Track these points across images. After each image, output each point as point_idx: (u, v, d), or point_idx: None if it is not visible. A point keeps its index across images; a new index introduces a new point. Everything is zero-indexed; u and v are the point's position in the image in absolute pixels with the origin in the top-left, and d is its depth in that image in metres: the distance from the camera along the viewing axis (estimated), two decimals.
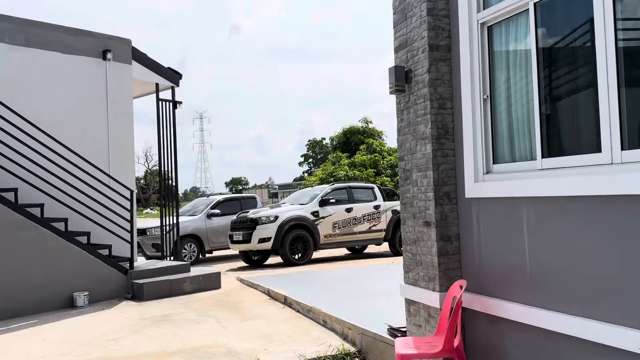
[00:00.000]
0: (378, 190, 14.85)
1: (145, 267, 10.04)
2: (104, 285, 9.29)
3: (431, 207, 5.17)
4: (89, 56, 10.27)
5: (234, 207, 15.51)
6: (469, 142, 5.03)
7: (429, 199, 5.21)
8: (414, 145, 5.46)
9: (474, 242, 5.02)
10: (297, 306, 8.06)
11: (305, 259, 13.04)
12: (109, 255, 9.56)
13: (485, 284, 4.90)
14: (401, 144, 5.69)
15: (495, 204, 4.77)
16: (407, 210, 5.59)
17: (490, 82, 4.97)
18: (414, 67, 5.45)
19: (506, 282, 4.65)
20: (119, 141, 10.58)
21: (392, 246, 14.55)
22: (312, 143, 71.84)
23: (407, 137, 5.57)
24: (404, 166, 5.64)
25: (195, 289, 9.76)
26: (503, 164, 4.84)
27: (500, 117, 4.92)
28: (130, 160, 10.85)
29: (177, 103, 11.41)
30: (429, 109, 5.20)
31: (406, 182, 5.61)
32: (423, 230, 5.32)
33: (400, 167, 5.74)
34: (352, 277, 10.15)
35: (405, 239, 5.63)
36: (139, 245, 14.14)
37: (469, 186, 5.03)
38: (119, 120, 10.60)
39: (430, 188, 5.20)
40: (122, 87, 10.66)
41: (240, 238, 13.07)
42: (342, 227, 13.63)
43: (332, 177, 24.68)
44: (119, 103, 10.60)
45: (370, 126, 29.20)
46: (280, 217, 12.95)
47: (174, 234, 11.64)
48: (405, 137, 5.59)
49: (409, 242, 5.58)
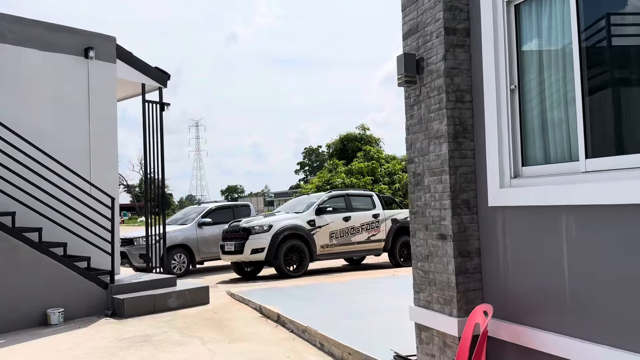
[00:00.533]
0: (377, 198, 14.02)
1: (127, 280, 9.17)
2: (82, 300, 8.41)
3: (447, 217, 4.35)
4: (70, 54, 9.44)
5: (227, 215, 14.65)
6: (492, 141, 4.22)
7: (445, 207, 4.39)
8: (426, 146, 4.64)
9: (499, 259, 4.20)
10: (291, 325, 7.20)
11: (301, 270, 12.18)
12: (88, 268, 8.69)
13: (513, 309, 4.07)
14: (411, 144, 4.87)
15: (526, 213, 3.96)
16: (417, 220, 4.77)
17: (518, 70, 4.17)
18: (426, 55, 4.64)
19: (540, 307, 3.83)
20: (102, 145, 9.73)
21: (392, 257, 13.71)
22: (309, 151, 70.99)
23: (417, 136, 4.75)
24: (414, 169, 4.82)
25: (182, 304, 8.89)
26: (535, 167, 4.03)
27: (531, 111, 4.11)
28: (113, 166, 10.00)
29: (164, 105, 10.59)
30: (445, 102, 4.39)
31: (417, 188, 4.78)
32: (437, 244, 4.49)
33: (409, 170, 4.92)
34: (351, 291, 9.30)
35: (415, 254, 4.81)
36: (125, 255, 13.28)
37: (493, 193, 4.21)
38: (102, 122, 9.76)
39: (446, 195, 4.38)
40: (105, 87, 9.83)
41: (232, 248, 12.20)
42: (339, 237, 12.79)
43: (328, 185, 23.86)
44: (102, 104, 9.77)
45: (367, 133, 28.44)
46: (274, 226, 12.09)
47: (165, 243, 10.79)
48: (416, 136, 4.77)
49: (420, 258, 4.74)
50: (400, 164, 25.49)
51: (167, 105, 10.63)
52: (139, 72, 10.39)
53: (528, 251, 3.93)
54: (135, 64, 10.34)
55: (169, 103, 10.63)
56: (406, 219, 13.96)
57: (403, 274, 11.29)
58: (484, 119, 4.29)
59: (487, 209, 4.28)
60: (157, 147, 10.49)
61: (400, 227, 13.76)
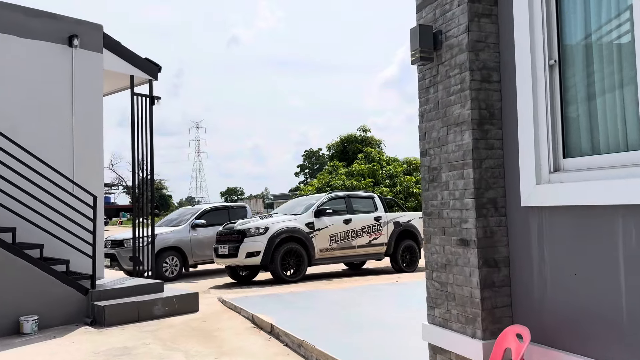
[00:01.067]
0: (379, 200, 13.24)
1: (110, 285, 8.39)
2: (59, 307, 7.62)
3: (470, 219, 3.59)
4: (52, 42, 8.67)
5: (222, 217, 13.85)
6: (526, 128, 3.46)
7: (467, 207, 3.63)
8: (444, 135, 3.88)
9: (533, 270, 3.43)
10: (286, 338, 6.42)
11: (298, 275, 11.40)
12: (67, 272, 7.91)
13: (551, 331, 3.31)
14: (425, 133, 4.10)
15: (569, 215, 3.19)
16: (433, 223, 4.00)
17: (559, 41, 3.41)
18: (445, 27, 3.88)
19: (587, 331, 3.07)
20: (86, 140, 8.95)
21: (394, 261, 12.92)
22: (309, 153, 70.21)
23: (434, 124, 3.98)
24: (429, 163, 4.05)
25: (168, 312, 8.10)
26: (580, 158, 3.26)
27: (575, 91, 3.35)
28: (98, 164, 9.22)
29: (155, 98, 9.82)
30: (468, 82, 3.63)
31: (432, 184, 4.02)
32: (457, 252, 3.73)
33: (423, 164, 4.16)
34: (352, 300, 8.52)
35: (430, 262, 4.04)
36: (115, 258, 12.52)
37: (528, 190, 3.44)
38: (87, 115, 8.98)
39: (468, 193, 3.62)
40: (90, 79, 9.06)
41: (226, 252, 11.41)
42: (339, 240, 12.01)
43: (328, 187, 23.08)
44: (86, 96, 9.00)
45: (368, 135, 27.64)
46: (270, 228, 11.31)
47: (153, 245, 10.02)
48: (432, 123, 4.01)
49: (435, 267, 3.98)
50: (401, 166, 24.73)
51: (157, 98, 9.87)
52: (128, 63, 9.62)
53: (571, 261, 3.17)
54: (123, 55, 9.58)
55: (159, 97, 9.87)
56: (409, 222, 13.19)
57: (407, 280, 10.52)
58: (516, 102, 3.53)
59: (518, 210, 3.52)
60: (146, 144, 9.73)
61: (402, 230, 12.99)
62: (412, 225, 13.19)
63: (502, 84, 3.67)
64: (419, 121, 4.13)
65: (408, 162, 25.26)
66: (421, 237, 13.28)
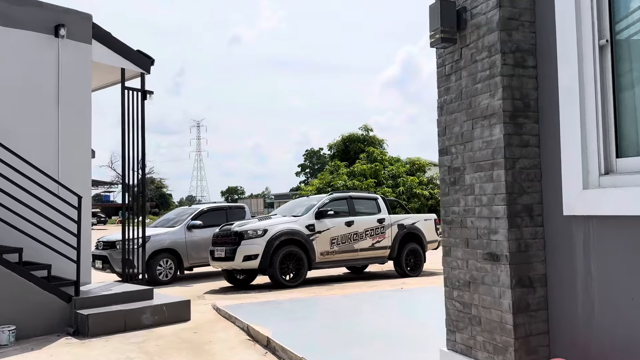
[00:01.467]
0: (382, 201, 12.63)
1: (96, 292, 7.79)
2: (39, 316, 7.02)
3: (501, 229, 3.01)
4: (37, 31, 8.07)
5: (219, 217, 13.23)
6: (570, 122, 2.87)
7: (497, 215, 3.04)
8: (468, 129, 3.28)
9: (576, 291, 2.84)
10: (284, 354, 5.83)
11: (298, 280, 10.80)
12: (48, 278, 7.32)
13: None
14: (445, 127, 3.50)
15: (624, 226, 2.60)
16: (454, 233, 3.41)
17: (611, 18, 2.83)
18: (471, 3, 3.29)
19: None
20: (73, 137, 8.35)
21: (398, 265, 12.31)
22: (310, 153, 69.67)
23: (456, 117, 3.39)
24: (450, 163, 3.46)
25: (158, 321, 7.51)
26: (637, 158, 2.68)
27: (631, 77, 2.76)
28: (86, 162, 8.61)
29: (147, 93, 9.22)
30: (500, 67, 3.04)
31: (453, 188, 3.42)
32: (484, 268, 3.14)
33: (442, 164, 3.56)
34: (356, 308, 7.92)
35: (450, 278, 3.45)
36: (107, 260, 11.93)
37: (572, 196, 2.85)
38: (74, 110, 8.39)
39: (499, 198, 3.03)
40: (78, 71, 8.45)
41: (223, 255, 10.81)
42: (341, 243, 11.41)
43: (329, 187, 22.48)
44: (74, 90, 8.39)
45: (371, 134, 27.00)
46: (269, 230, 10.71)
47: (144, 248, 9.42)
48: (454, 116, 3.41)
49: (457, 285, 3.38)
50: (404, 166, 24.13)
51: (150, 93, 9.27)
52: (119, 55, 9.01)
53: (628, 282, 2.59)
54: (114, 46, 8.97)
55: (152, 91, 9.27)
56: (413, 225, 12.59)
57: (412, 287, 9.93)
58: (557, 90, 2.94)
59: (559, 219, 2.94)
60: (138, 141, 9.13)
61: (407, 233, 12.39)
62: (417, 228, 12.60)
63: (538, 69, 3.08)
64: (438, 114, 3.54)
65: (411, 162, 24.66)
66: (426, 241, 12.70)
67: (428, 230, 12.82)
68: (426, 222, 12.97)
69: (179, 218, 13.57)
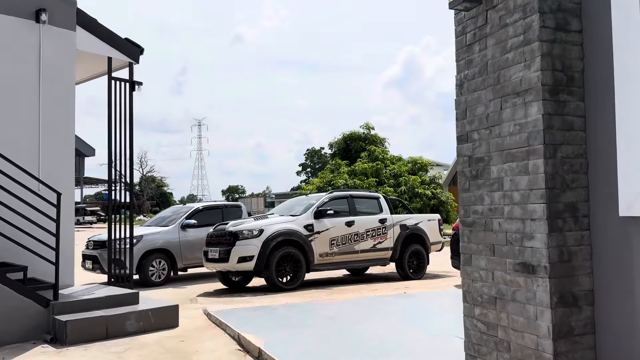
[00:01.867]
0: (384, 200, 11.98)
1: (78, 296, 7.16)
2: (13, 322, 6.38)
3: (538, 233, 2.38)
4: (15, 15, 7.43)
5: (215, 216, 12.59)
6: (629, 99, 2.24)
7: (534, 216, 2.41)
8: (495, 110, 2.65)
9: (634, 312, 2.22)
10: None
11: (296, 283, 10.15)
12: (24, 280, 6.70)
13: None
14: (465, 109, 2.87)
15: None
16: (476, 237, 2.77)
17: None
18: None
19: None
20: (55, 130, 7.73)
21: (400, 267, 11.67)
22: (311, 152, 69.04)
23: (479, 95, 2.75)
24: (471, 152, 2.82)
25: (142, 328, 6.87)
26: None
27: None
28: (69, 158, 7.99)
29: (135, 83, 8.59)
30: (537, 30, 2.40)
31: (475, 182, 2.79)
32: (516, 281, 2.51)
33: (461, 153, 2.93)
34: (356, 315, 7.27)
35: (471, 292, 2.82)
36: (97, 261, 11.31)
37: (631, 192, 2.23)
38: (56, 102, 7.75)
39: (536, 195, 2.39)
40: (61, 60, 7.82)
41: (217, 256, 10.18)
42: (341, 244, 10.77)
43: (330, 186, 21.83)
44: (56, 80, 7.76)
45: (372, 133, 26.32)
46: (265, 230, 10.07)
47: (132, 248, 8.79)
48: (476, 95, 2.78)
49: (480, 301, 2.75)
50: (406, 165, 23.47)
51: (138, 84, 8.63)
52: (105, 43, 8.37)
53: None
54: (100, 34, 8.34)
55: (141, 82, 8.64)
56: (416, 225, 11.95)
57: (416, 291, 9.28)
58: (610, 63, 2.31)
59: (612, 221, 2.31)
60: (125, 134, 8.50)
61: (410, 234, 11.75)
62: (420, 229, 11.96)
63: (584, 34, 2.45)
64: (456, 93, 2.90)
65: (413, 161, 23.99)
66: (429, 242, 12.06)
67: (432, 231, 12.19)
68: (430, 223, 12.33)
69: (174, 217, 12.94)
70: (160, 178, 71.07)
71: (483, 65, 2.73)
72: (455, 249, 9.85)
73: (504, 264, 2.57)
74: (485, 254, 2.68)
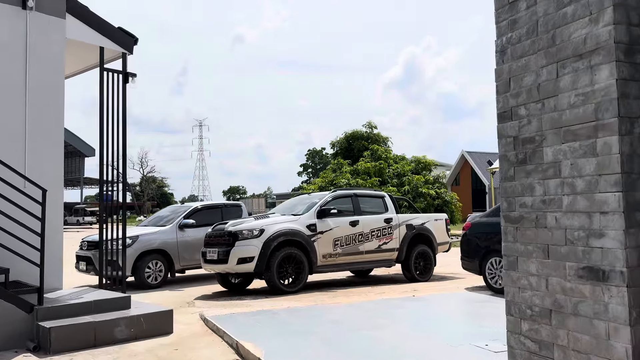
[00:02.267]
0: (390, 199, 11.45)
1: (65, 300, 6.63)
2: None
3: (610, 229, 1.85)
4: (0, 2, 6.97)
5: (214, 216, 12.06)
6: None
7: (604, 208, 1.88)
8: (550, 77, 2.12)
9: None
10: None
11: (298, 285, 9.62)
12: (5, 284, 6.17)
13: None
14: (509, 79, 2.34)
15: None
16: (524, 235, 2.25)
17: None
18: None
19: None
20: (43, 124, 7.20)
21: (406, 269, 11.14)
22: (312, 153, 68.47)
23: (528, 62, 2.23)
24: (516, 132, 2.29)
25: (134, 334, 6.35)
26: None
27: None
28: (57, 155, 7.46)
29: (128, 75, 8.06)
30: None
31: (522, 168, 2.26)
32: (579, 290, 1.99)
33: (502, 133, 2.41)
34: (363, 321, 6.73)
35: (517, 303, 2.28)
36: (91, 262, 10.77)
37: None
38: (44, 94, 7.24)
39: (608, 182, 1.87)
40: (49, 49, 7.30)
41: (215, 257, 9.64)
42: (345, 244, 10.24)
43: (332, 186, 21.30)
44: (44, 70, 7.23)
45: (375, 131, 25.76)
46: (266, 230, 9.54)
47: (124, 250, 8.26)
48: (524, 61, 2.25)
49: (529, 314, 2.21)
50: (409, 164, 22.92)
51: (132, 76, 8.11)
52: (97, 32, 7.84)
53: None
54: (91, 22, 7.81)
55: (135, 73, 8.12)
56: (423, 225, 11.43)
57: (425, 294, 8.75)
58: None
59: None
60: (118, 129, 7.98)
61: (416, 234, 11.23)
62: (427, 229, 11.44)
63: None
64: (497, 61, 2.38)
65: (416, 160, 23.44)
66: (436, 243, 11.54)
67: (439, 231, 11.67)
68: (437, 223, 11.81)
69: (171, 216, 12.41)
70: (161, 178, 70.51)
71: (532, 24, 2.22)
72: (466, 249, 9.33)
73: (562, 269, 2.06)
74: (536, 256, 2.17)
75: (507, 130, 2.34)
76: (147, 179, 58.64)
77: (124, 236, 8.04)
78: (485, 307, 7.49)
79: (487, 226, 8.90)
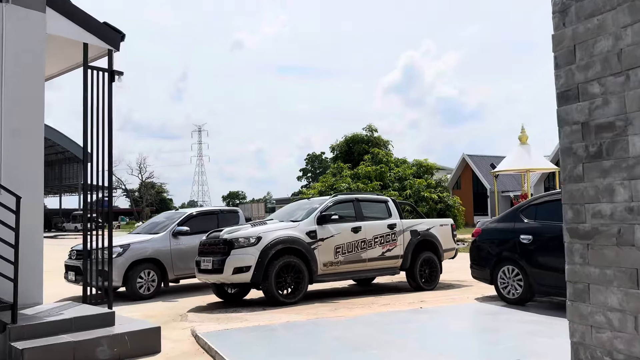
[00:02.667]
0: (393, 204, 10.87)
1: (42, 317, 6.02)
2: None
3: None
4: None
5: (210, 223, 11.44)
6: None
7: None
8: (635, 40, 1.56)
9: None
10: None
11: (297, 295, 9.01)
12: None
13: None
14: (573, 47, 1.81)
15: None
16: (599, 256, 1.70)
17: None
18: None
19: None
20: (20, 128, 6.62)
21: (411, 277, 10.54)
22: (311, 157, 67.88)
23: (602, 22, 1.70)
24: (586, 116, 1.76)
25: (117, 355, 5.75)
26: None
27: None
28: (37, 160, 6.87)
29: (115, 73, 7.48)
30: None
31: (597, 165, 1.71)
32: None
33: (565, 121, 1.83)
34: (368, 338, 6.11)
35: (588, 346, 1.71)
36: (80, 272, 10.14)
37: None
38: (22, 95, 6.67)
39: None
40: (27, 45, 6.73)
41: (210, 266, 9.04)
42: (347, 252, 9.65)
43: (332, 190, 20.71)
44: (21, 69, 6.67)
45: (375, 135, 25.17)
46: (264, 238, 8.94)
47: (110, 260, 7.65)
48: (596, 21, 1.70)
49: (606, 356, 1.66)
50: (411, 168, 22.35)
51: (119, 74, 7.51)
52: (81, 27, 7.24)
53: None
54: (74, 17, 7.22)
55: (121, 71, 7.52)
56: (428, 231, 10.85)
57: (433, 306, 8.14)
58: None
59: None
60: (104, 130, 7.38)
61: (421, 240, 10.65)
62: (432, 235, 10.86)
63: None
64: (555, 25, 1.80)
65: (418, 163, 22.87)
66: (442, 249, 10.95)
67: (445, 237, 11.09)
68: (442, 228, 11.23)
69: (166, 223, 11.80)
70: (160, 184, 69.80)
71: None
72: (476, 257, 8.74)
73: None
74: (619, 284, 1.59)
75: (572, 115, 1.75)
76: (146, 185, 57.95)
77: (110, 245, 7.42)
78: (498, 320, 6.90)
79: (498, 232, 8.31)
